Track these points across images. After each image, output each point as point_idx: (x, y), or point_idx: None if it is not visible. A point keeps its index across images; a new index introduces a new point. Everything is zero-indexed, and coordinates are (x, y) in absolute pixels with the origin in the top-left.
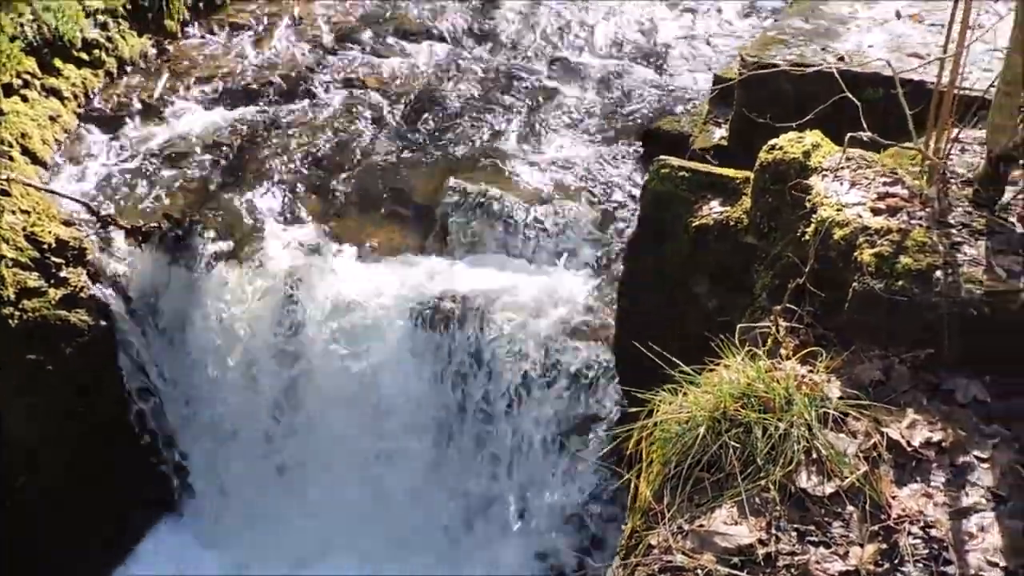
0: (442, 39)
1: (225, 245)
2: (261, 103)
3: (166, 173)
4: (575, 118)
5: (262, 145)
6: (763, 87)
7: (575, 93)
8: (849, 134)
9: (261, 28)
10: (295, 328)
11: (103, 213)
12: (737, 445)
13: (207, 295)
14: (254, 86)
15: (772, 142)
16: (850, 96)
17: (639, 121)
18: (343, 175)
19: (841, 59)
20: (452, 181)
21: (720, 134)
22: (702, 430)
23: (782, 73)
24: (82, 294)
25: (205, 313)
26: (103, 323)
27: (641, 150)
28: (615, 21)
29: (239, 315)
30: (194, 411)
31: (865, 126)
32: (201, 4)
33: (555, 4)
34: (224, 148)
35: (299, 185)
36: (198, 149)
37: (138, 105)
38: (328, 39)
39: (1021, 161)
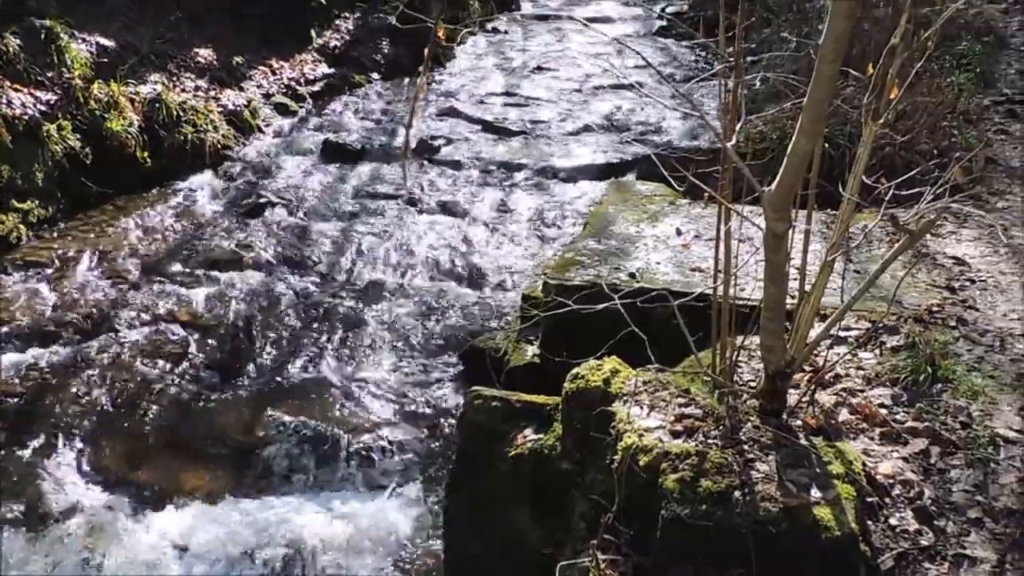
0: (254, 268)
1: (10, 511)
2: (58, 345)
3: None
4: (394, 341)
5: (57, 392)
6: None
7: (392, 315)
8: (639, 368)
9: (61, 265)
10: None
11: None
12: None
13: None
14: (50, 327)
15: (574, 371)
16: (636, 331)
17: (457, 338)
18: (150, 418)
19: (632, 276)
20: (270, 415)
21: (533, 351)
22: None
23: (582, 296)
24: None
25: None
26: None
27: (461, 368)
28: (426, 242)
29: None
30: None
31: (651, 355)
32: None
33: (366, 228)
34: (12, 399)
35: (99, 433)
36: None
37: None
38: (134, 273)
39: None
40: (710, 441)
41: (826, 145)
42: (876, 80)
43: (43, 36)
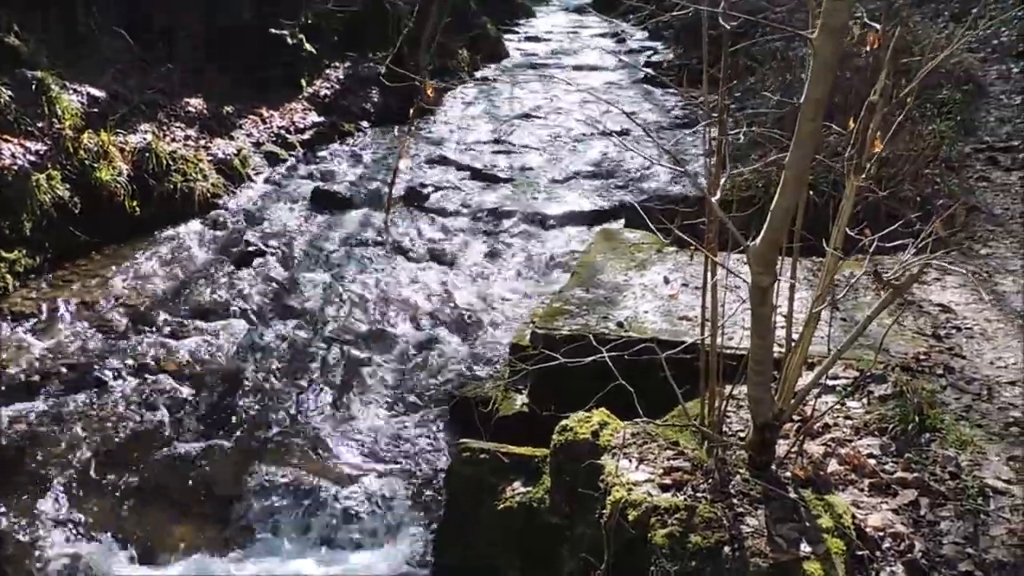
0: (242, 317)
1: None
2: (42, 397)
3: None
4: (383, 391)
5: (41, 444)
6: (555, 359)
7: (381, 365)
8: (627, 423)
9: (48, 315)
10: None
11: None
12: None
13: None
14: (35, 378)
15: (562, 423)
16: (623, 383)
17: (446, 388)
18: (135, 471)
19: (620, 325)
20: (256, 467)
21: (522, 400)
22: None
23: (570, 349)
24: None
25: None
26: None
27: (450, 417)
28: (415, 289)
29: None
30: None
31: (639, 408)
32: None
33: (355, 276)
34: None
35: (85, 485)
36: None
37: None
38: (121, 323)
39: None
40: (699, 495)
41: (811, 193)
42: (857, 135)
43: (34, 87)
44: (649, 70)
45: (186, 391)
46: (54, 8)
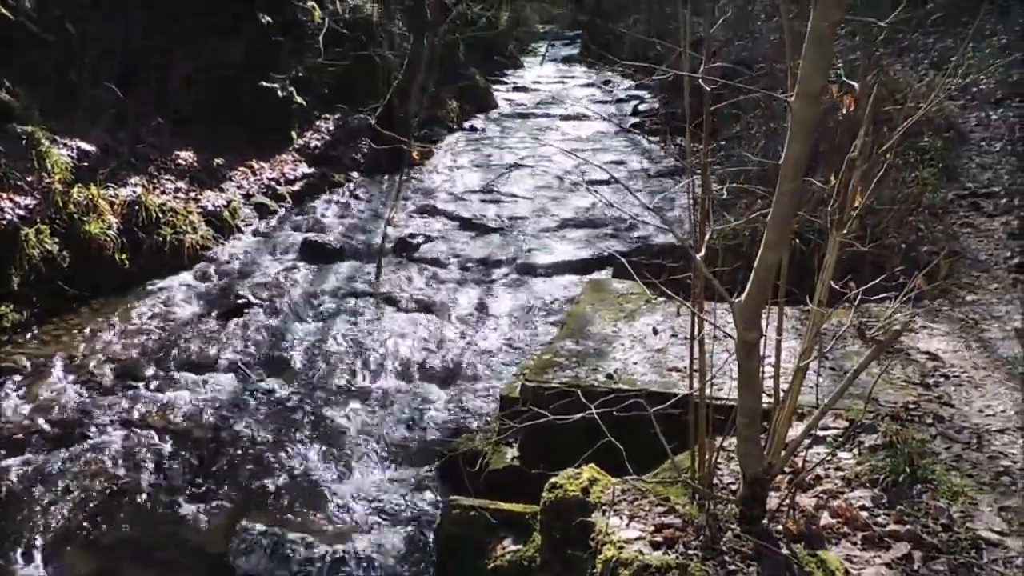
0: (231, 370)
1: None
2: (26, 454)
3: None
4: (372, 445)
5: (23, 501)
6: (544, 415)
7: (370, 418)
8: (617, 479)
9: (34, 370)
10: None
11: None
12: None
13: None
14: (19, 435)
15: (552, 481)
16: (613, 440)
17: (436, 441)
18: (122, 528)
19: (610, 377)
20: (243, 523)
21: (513, 453)
22: None
23: (560, 405)
24: None
25: None
26: None
27: (441, 472)
28: (405, 341)
29: None
30: None
31: (629, 466)
32: None
33: (345, 328)
34: None
35: (69, 544)
36: None
37: None
38: (108, 378)
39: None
40: (691, 552)
41: (796, 241)
42: (839, 190)
43: (24, 141)
44: (635, 119)
45: (174, 447)
46: (46, 63)
